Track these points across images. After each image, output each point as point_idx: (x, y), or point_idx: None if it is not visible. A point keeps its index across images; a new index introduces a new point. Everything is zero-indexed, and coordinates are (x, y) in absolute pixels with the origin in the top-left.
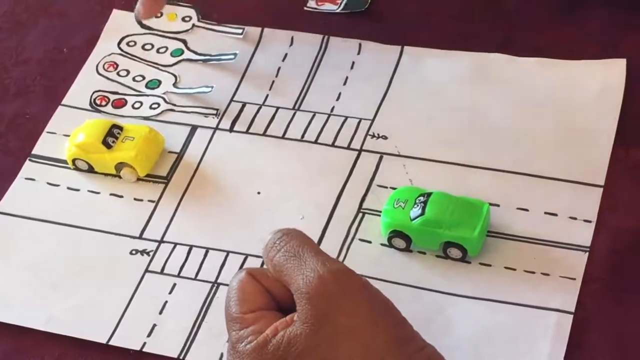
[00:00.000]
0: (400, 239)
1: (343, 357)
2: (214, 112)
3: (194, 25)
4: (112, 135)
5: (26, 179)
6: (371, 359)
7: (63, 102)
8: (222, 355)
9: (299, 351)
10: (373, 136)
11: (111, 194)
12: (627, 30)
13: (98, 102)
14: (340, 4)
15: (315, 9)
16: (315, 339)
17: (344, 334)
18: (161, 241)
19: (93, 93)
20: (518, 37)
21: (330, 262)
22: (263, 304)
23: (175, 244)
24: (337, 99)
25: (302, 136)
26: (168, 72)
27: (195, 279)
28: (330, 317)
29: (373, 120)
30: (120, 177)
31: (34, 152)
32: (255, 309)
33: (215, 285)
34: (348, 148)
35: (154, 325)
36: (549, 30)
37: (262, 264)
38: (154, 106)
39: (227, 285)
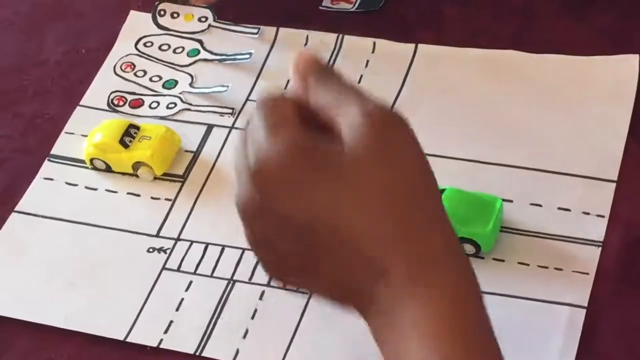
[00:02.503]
0: None
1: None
2: (230, 111)
3: (210, 25)
4: (129, 135)
5: (45, 178)
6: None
7: (81, 102)
8: (238, 351)
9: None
10: None
11: (128, 193)
12: (637, 25)
13: (116, 102)
14: (355, 2)
15: (330, 8)
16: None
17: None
18: (178, 239)
19: (111, 93)
20: (528, 33)
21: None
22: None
23: (192, 242)
24: None
25: None
26: (184, 72)
27: (211, 276)
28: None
29: None
30: (137, 176)
31: (52, 152)
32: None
33: (231, 282)
34: None
35: (171, 322)
36: (559, 26)
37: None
38: (170, 106)
39: (243, 282)
